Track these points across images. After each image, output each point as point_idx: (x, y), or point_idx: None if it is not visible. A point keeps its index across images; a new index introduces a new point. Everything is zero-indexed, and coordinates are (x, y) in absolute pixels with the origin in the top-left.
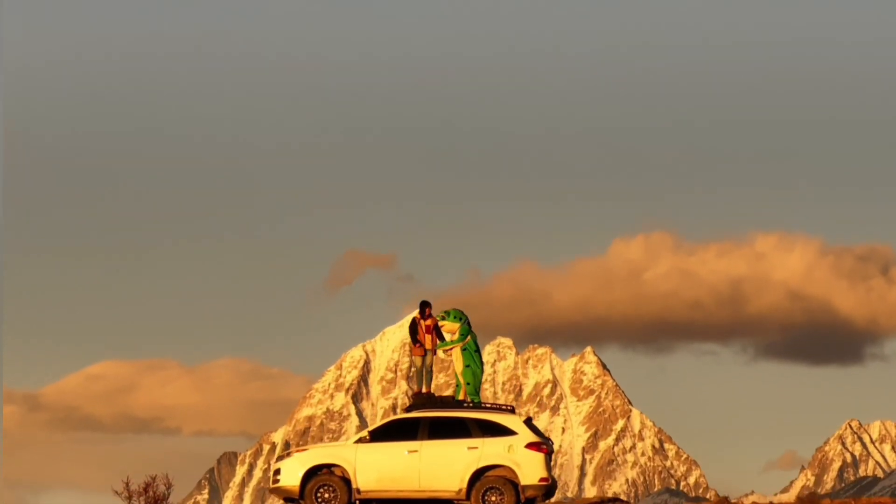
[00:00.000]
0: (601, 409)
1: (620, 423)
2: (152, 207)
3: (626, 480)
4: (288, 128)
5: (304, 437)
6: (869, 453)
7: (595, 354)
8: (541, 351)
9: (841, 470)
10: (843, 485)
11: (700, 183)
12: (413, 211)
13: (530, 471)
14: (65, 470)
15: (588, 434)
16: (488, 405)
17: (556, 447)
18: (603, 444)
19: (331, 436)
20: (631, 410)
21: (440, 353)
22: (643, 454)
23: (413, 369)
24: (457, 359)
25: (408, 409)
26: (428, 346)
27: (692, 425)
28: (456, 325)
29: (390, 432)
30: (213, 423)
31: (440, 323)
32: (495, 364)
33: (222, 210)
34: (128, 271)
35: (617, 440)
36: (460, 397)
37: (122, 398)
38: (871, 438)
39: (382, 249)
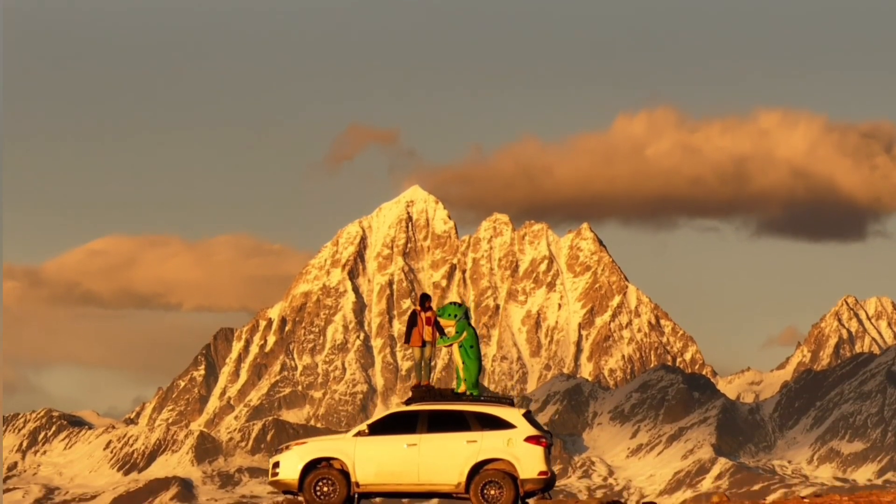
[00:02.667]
0: (597, 286)
1: (617, 300)
2: (154, 83)
3: (622, 357)
4: None
5: (301, 314)
6: (865, 330)
7: (591, 231)
8: (537, 227)
9: (837, 346)
10: (839, 361)
11: (704, 58)
12: (417, 85)
13: (529, 464)
14: (65, 345)
15: (584, 310)
16: (487, 397)
17: (552, 323)
18: (599, 321)
19: (327, 311)
20: (627, 286)
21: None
22: (639, 330)
23: (412, 362)
24: (456, 354)
25: (407, 403)
26: (427, 337)
27: (691, 302)
28: (451, 322)
29: (389, 426)
30: (214, 299)
31: (438, 319)
32: (491, 240)
33: (225, 84)
34: (130, 147)
35: (613, 316)
36: (459, 391)
37: (124, 273)
38: (867, 315)
39: (385, 124)
